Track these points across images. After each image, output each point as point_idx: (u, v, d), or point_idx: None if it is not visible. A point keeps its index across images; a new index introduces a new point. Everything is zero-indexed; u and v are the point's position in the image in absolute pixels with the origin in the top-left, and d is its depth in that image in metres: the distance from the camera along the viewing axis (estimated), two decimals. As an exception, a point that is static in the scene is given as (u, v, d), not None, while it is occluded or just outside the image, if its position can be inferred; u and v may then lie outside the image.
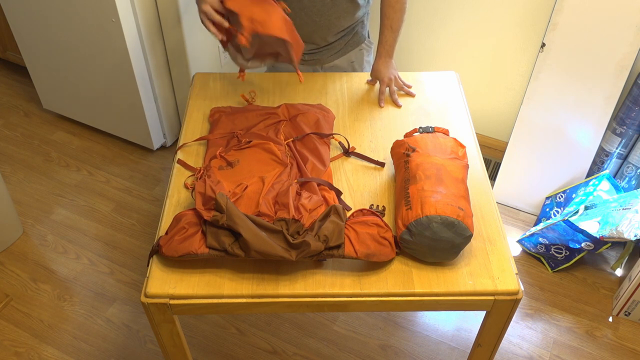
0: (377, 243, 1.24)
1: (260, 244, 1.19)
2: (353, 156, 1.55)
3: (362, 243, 1.23)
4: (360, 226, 1.26)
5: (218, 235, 1.22)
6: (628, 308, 2.06)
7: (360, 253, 1.22)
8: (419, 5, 2.32)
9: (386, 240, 1.26)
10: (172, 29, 2.38)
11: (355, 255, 1.22)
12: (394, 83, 1.76)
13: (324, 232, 1.21)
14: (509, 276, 1.26)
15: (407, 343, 2.01)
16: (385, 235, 1.26)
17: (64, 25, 2.39)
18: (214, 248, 1.22)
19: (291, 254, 1.20)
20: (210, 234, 1.22)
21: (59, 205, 2.50)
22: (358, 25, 1.86)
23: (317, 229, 1.22)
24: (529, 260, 2.29)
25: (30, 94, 3.07)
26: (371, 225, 1.27)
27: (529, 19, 2.16)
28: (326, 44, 1.84)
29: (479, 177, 1.50)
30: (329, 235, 1.21)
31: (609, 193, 2.17)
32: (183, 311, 1.25)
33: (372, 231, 1.25)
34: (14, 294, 2.16)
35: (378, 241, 1.25)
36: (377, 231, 1.26)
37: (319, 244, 1.20)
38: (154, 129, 2.63)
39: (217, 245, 1.21)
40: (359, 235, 1.24)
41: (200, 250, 1.22)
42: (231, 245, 1.21)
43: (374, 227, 1.26)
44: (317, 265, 1.28)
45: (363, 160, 1.54)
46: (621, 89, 2.03)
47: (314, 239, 1.20)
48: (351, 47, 1.88)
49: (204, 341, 2.01)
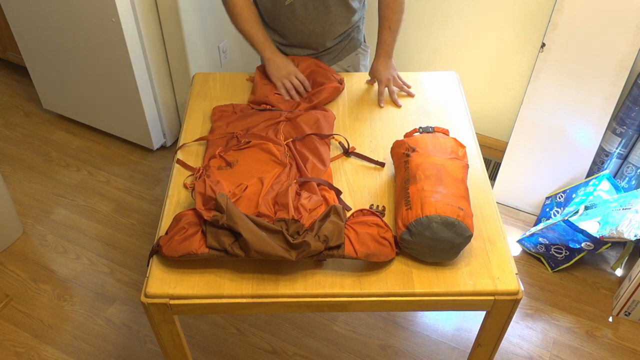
0: (377, 243, 1.24)
1: (260, 244, 1.19)
2: (353, 156, 1.55)
3: (362, 243, 1.23)
4: (360, 226, 1.26)
5: (218, 235, 1.21)
6: (628, 308, 2.06)
7: (360, 253, 1.22)
8: (419, 5, 2.32)
9: (386, 240, 1.26)
10: (172, 29, 2.38)
11: (355, 256, 1.22)
12: (393, 83, 1.76)
13: (324, 232, 1.21)
14: (509, 276, 1.26)
15: (407, 343, 2.01)
16: (385, 236, 1.26)
17: (64, 25, 2.39)
18: (214, 248, 1.22)
19: (291, 254, 1.20)
20: (210, 234, 1.22)
21: (59, 205, 2.50)
22: (354, 30, 1.86)
23: (317, 229, 1.22)
24: (529, 260, 2.29)
25: (30, 94, 3.07)
26: (371, 225, 1.27)
27: (529, 19, 2.16)
28: (324, 49, 1.84)
29: (479, 177, 1.50)
30: (329, 235, 1.21)
31: (609, 193, 2.17)
32: (183, 311, 1.25)
33: (372, 231, 1.25)
34: (14, 294, 2.16)
35: (378, 241, 1.25)
36: (377, 231, 1.26)
37: (319, 244, 1.20)
38: (154, 129, 2.63)
39: (217, 245, 1.21)
40: (359, 235, 1.24)
41: (200, 250, 1.22)
42: (231, 245, 1.21)
43: (374, 227, 1.26)
44: (317, 265, 1.28)
45: (363, 160, 1.54)
46: (621, 89, 2.03)
47: (314, 239, 1.20)
48: (347, 52, 1.89)
49: (204, 341, 2.01)
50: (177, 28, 2.37)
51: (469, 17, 2.26)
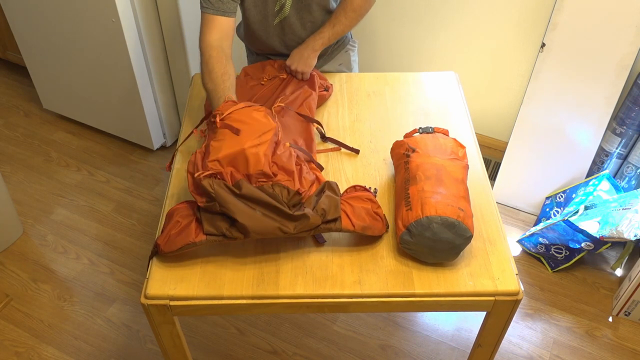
0: (371, 217, 1.28)
1: (257, 224, 1.19)
2: (329, 142, 1.59)
3: (359, 216, 1.26)
4: (355, 201, 1.30)
5: (214, 221, 1.22)
6: (628, 308, 2.06)
7: (357, 226, 1.25)
8: (419, 6, 2.32)
9: (378, 215, 1.30)
10: (172, 29, 2.38)
11: (353, 228, 1.25)
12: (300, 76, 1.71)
13: (321, 206, 1.23)
14: (509, 276, 1.26)
15: (407, 343, 2.01)
16: (378, 211, 1.31)
17: (64, 25, 2.39)
18: (211, 234, 1.21)
19: (289, 227, 1.20)
20: (205, 220, 1.22)
21: (59, 205, 2.50)
22: None
23: (315, 203, 1.24)
24: (529, 260, 2.29)
25: (30, 94, 3.07)
26: (365, 200, 1.31)
27: (529, 19, 2.16)
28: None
29: (479, 177, 1.50)
30: (326, 209, 1.23)
31: (609, 193, 2.17)
32: (183, 312, 1.25)
33: (366, 206, 1.30)
34: (14, 294, 2.16)
35: (372, 216, 1.29)
36: (370, 206, 1.30)
37: (317, 217, 1.22)
38: (154, 129, 2.63)
39: (214, 230, 1.21)
40: (355, 209, 1.27)
41: (198, 238, 1.21)
42: (229, 229, 1.21)
43: (368, 202, 1.31)
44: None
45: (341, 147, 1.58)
46: (621, 89, 2.03)
47: (312, 212, 1.22)
48: (337, 50, 1.89)
49: (204, 341, 2.01)
50: (177, 28, 2.37)
51: (469, 17, 2.26)
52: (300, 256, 1.29)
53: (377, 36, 2.47)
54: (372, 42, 2.50)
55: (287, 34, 1.73)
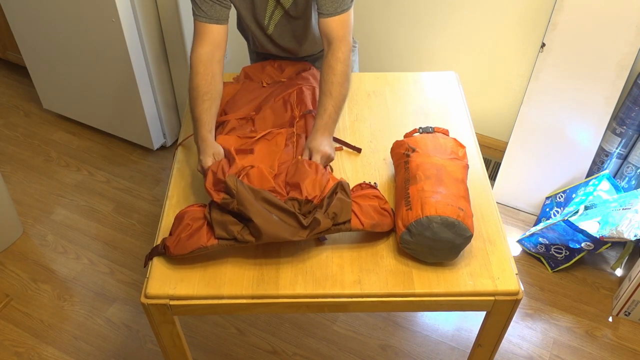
0: (379, 214, 1.29)
1: (271, 228, 1.20)
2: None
3: (367, 214, 1.27)
4: (362, 199, 1.30)
5: (225, 225, 1.22)
6: (628, 308, 2.06)
7: (366, 224, 1.26)
8: (419, 6, 2.32)
9: (386, 211, 1.31)
10: (172, 29, 2.38)
11: (362, 227, 1.26)
12: (323, 161, 1.39)
13: (333, 210, 1.24)
14: (509, 276, 1.26)
15: (407, 343, 2.01)
16: (385, 207, 1.31)
17: (64, 25, 2.39)
18: (223, 238, 1.22)
19: (302, 234, 1.22)
20: (217, 224, 1.22)
21: (59, 205, 2.50)
22: None
23: (326, 206, 1.25)
24: (529, 260, 2.29)
25: (30, 94, 3.07)
26: (372, 197, 1.32)
27: (529, 19, 2.16)
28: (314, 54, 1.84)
29: (479, 177, 1.50)
30: (337, 212, 1.24)
31: (609, 193, 2.17)
32: (183, 312, 1.25)
33: (373, 203, 1.30)
34: (14, 294, 2.16)
35: (379, 212, 1.30)
36: (377, 203, 1.31)
37: (327, 220, 1.23)
38: (154, 129, 2.63)
39: (226, 235, 1.21)
40: (362, 208, 1.28)
41: (209, 242, 1.22)
42: (240, 232, 1.21)
43: (374, 199, 1.31)
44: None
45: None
46: (621, 89, 2.03)
47: (323, 216, 1.23)
48: None
49: (204, 341, 2.01)
50: (177, 28, 2.37)
51: (469, 17, 2.26)
52: (300, 256, 1.29)
53: (377, 36, 2.47)
54: (372, 42, 2.50)
55: (279, 45, 1.72)
